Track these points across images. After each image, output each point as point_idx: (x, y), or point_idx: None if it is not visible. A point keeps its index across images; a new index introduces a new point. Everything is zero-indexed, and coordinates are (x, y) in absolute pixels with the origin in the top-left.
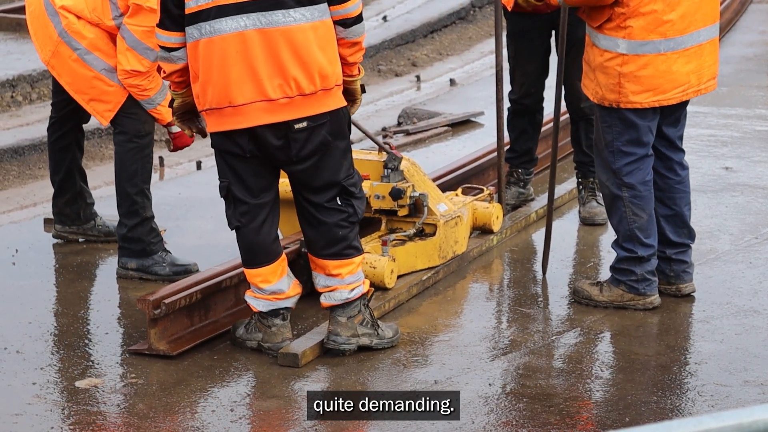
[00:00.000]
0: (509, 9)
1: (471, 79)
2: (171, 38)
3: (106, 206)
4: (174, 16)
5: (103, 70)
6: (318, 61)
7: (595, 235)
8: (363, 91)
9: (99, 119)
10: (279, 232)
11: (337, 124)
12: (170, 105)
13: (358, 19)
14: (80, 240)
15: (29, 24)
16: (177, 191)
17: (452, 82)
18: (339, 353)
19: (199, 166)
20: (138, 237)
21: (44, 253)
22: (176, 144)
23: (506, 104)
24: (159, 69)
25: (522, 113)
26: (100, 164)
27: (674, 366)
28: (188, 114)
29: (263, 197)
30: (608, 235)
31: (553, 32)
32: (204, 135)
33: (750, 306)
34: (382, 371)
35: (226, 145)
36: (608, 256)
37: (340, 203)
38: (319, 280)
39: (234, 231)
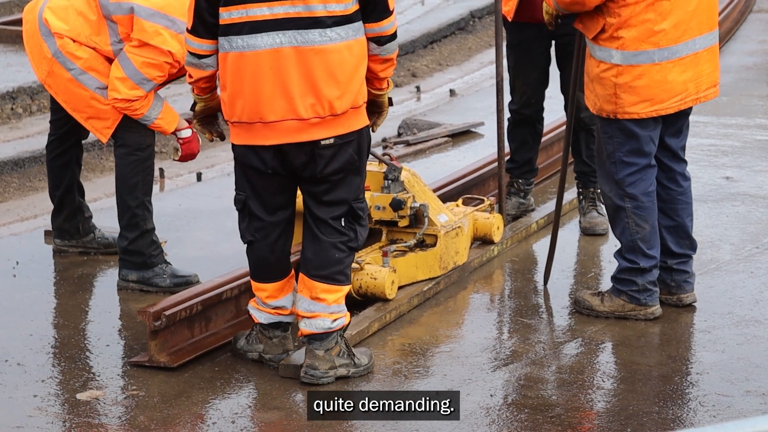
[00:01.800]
0: (509, 19)
1: (471, 90)
2: (203, 45)
3: (106, 218)
4: (208, 25)
5: (97, 89)
6: (351, 81)
7: (596, 245)
8: (390, 103)
9: (98, 136)
10: None
11: (362, 143)
12: (192, 108)
13: (393, 36)
14: (80, 251)
15: (25, 42)
16: (177, 203)
17: (452, 92)
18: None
19: (199, 177)
20: (139, 249)
21: (45, 265)
22: (185, 150)
23: (506, 114)
24: (184, 73)
25: (522, 123)
26: (101, 176)
27: (676, 376)
28: (209, 118)
29: (278, 215)
30: (609, 245)
31: (554, 42)
32: (222, 138)
33: (751, 316)
34: (383, 382)
35: (249, 159)
36: (609, 266)
37: (343, 224)
38: (302, 304)
39: (246, 245)
